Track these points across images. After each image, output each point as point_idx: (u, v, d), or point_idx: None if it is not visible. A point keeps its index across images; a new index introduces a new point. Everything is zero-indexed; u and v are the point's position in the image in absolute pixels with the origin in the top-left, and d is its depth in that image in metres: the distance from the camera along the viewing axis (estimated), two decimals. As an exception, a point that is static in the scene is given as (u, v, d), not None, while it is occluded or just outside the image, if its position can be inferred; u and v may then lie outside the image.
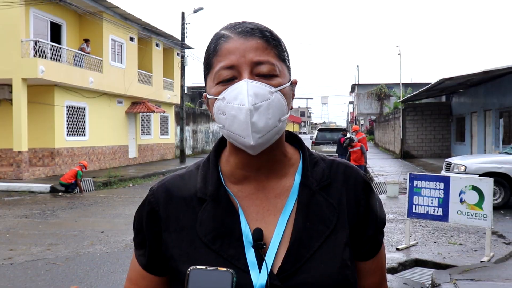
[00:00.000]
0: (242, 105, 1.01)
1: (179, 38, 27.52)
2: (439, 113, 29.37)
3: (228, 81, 1.06)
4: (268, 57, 1.06)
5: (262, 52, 1.06)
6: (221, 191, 1.13)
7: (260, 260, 1.04)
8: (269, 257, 1.05)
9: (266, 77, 1.05)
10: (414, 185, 7.49)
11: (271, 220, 1.10)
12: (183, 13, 26.87)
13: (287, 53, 1.15)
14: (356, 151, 15.83)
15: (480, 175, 10.70)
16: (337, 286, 1.05)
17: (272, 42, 1.08)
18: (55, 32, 20.32)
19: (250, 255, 1.05)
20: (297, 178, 1.15)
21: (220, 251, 1.06)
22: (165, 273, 1.16)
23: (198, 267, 0.97)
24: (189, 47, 29.03)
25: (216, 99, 1.07)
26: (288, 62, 1.14)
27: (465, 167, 11.95)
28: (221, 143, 1.20)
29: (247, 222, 1.09)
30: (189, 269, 0.97)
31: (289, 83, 1.11)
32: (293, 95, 1.17)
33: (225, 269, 0.95)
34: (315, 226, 1.09)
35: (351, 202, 1.14)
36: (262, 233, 1.06)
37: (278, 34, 1.13)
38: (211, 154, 1.20)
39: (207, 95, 1.11)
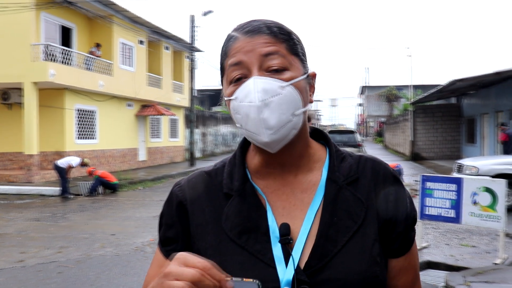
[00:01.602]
0: (251, 103, 1.01)
1: (189, 41, 27.57)
2: (449, 115, 29.20)
3: (239, 80, 1.06)
4: (277, 49, 1.05)
5: (270, 45, 1.05)
6: (247, 186, 1.12)
7: (287, 255, 1.03)
8: (296, 252, 1.04)
9: (277, 72, 1.04)
10: (426, 187, 7.42)
11: (297, 215, 1.09)
12: (192, 16, 26.94)
13: (301, 46, 1.13)
14: None
15: (492, 177, 10.61)
16: (366, 282, 1.03)
17: (280, 37, 1.07)
18: (66, 36, 20.46)
19: (277, 250, 1.04)
20: (324, 173, 1.14)
21: (246, 246, 1.05)
22: None
23: None
24: (198, 50, 29.09)
25: (231, 99, 1.07)
26: (303, 55, 1.12)
27: (477, 168, 11.86)
28: (247, 140, 1.20)
29: (274, 217, 1.08)
30: None
31: (305, 76, 1.09)
32: (313, 88, 1.15)
33: (251, 280, 0.93)
34: (342, 221, 1.07)
35: (380, 197, 1.12)
36: (289, 228, 1.05)
37: (289, 28, 1.12)
38: (237, 151, 1.20)
39: (224, 97, 1.11)
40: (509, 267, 6.25)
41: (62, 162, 15.05)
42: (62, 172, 14.85)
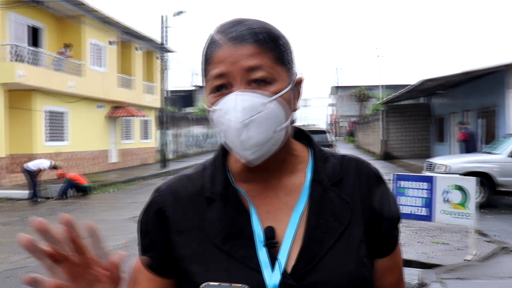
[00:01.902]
0: (230, 122, 0.98)
1: (160, 41, 27.38)
2: (419, 114, 29.70)
3: (221, 89, 1.02)
4: (262, 62, 1.00)
5: (255, 57, 1.00)
6: (230, 190, 1.10)
7: (273, 259, 1.01)
8: (282, 256, 1.02)
9: (261, 84, 1.00)
10: (399, 186, 7.51)
11: (282, 218, 1.07)
12: (163, 17, 26.75)
13: (289, 52, 1.08)
14: None
15: (462, 175, 10.81)
16: (354, 284, 1.02)
17: (266, 45, 1.02)
18: (34, 36, 20.08)
19: (262, 254, 1.02)
20: (308, 175, 1.12)
21: (231, 252, 1.03)
22: (174, 275, 1.11)
23: (211, 283, 0.95)
24: (170, 51, 28.92)
25: (210, 110, 1.04)
26: (290, 62, 1.07)
27: (447, 167, 12.07)
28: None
29: (259, 221, 1.06)
30: (202, 286, 0.95)
31: (290, 86, 1.05)
32: (299, 95, 1.12)
33: (239, 285, 0.92)
34: (328, 223, 1.05)
35: (364, 197, 1.10)
36: (274, 231, 1.03)
37: (278, 31, 1.07)
38: (218, 153, 1.16)
39: (205, 104, 1.08)
40: (480, 263, 6.37)
41: (31, 165, 14.75)
42: (32, 175, 14.55)
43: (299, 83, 1.11)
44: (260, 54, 1.00)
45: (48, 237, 0.82)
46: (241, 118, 0.97)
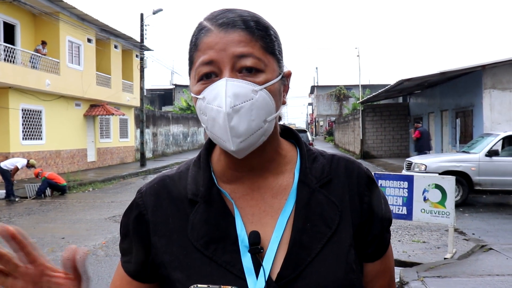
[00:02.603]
0: (220, 108, 0.93)
1: (138, 39, 27.14)
2: (398, 114, 29.99)
3: (208, 78, 0.97)
4: (252, 50, 0.96)
5: (245, 45, 0.96)
6: (214, 191, 1.05)
7: (257, 265, 0.97)
8: (267, 262, 0.97)
9: (251, 72, 0.96)
10: (379, 185, 7.54)
11: (268, 222, 1.03)
12: (142, 14, 26.53)
13: (278, 44, 1.04)
14: None
15: (440, 174, 10.93)
16: None
17: (257, 33, 0.98)
18: (9, 33, 19.69)
19: (247, 260, 0.97)
20: (296, 176, 1.07)
21: (214, 257, 0.98)
22: (153, 280, 1.07)
23: (200, 286, 0.93)
24: (148, 49, 28.66)
25: (197, 98, 0.99)
26: (279, 54, 1.04)
27: (426, 166, 12.21)
28: (212, 140, 1.10)
29: (243, 225, 1.01)
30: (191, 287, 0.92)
31: (280, 77, 1.02)
32: (287, 88, 1.08)
33: (229, 287, 0.89)
34: (316, 227, 1.01)
35: (354, 199, 1.05)
36: (259, 236, 0.99)
37: (266, 21, 1.04)
38: (202, 152, 1.12)
39: (191, 93, 1.03)
40: (459, 261, 6.44)
41: (7, 164, 14.47)
42: (7, 174, 14.27)
43: (287, 76, 1.08)
44: (250, 42, 0.97)
45: (12, 244, 0.83)
46: (232, 103, 0.93)
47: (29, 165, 14.89)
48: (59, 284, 0.88)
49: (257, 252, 0.98)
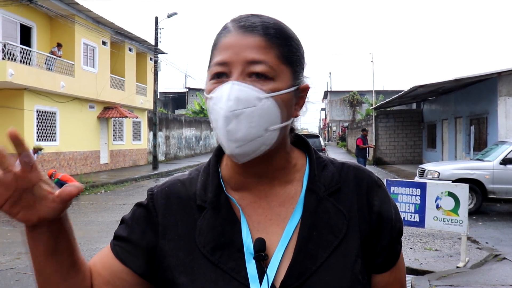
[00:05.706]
0: (221, 110, 0.94)
1: (153, 43, 27.27)
2: (411, 120, 29.80)
3: (219, 77, 0.98)
4: (265, 57, 0.96)
5: (259, 50, 0.96)
6: (222, 198, 1.05)
7: (262, 273, 0.96)
8: (271, 270, 0.97)
9: (261, 79, 0.95)
10: (391, 191, 7.50)
11: (274, 230, 1.02)
12: (156, 18, 26.65)
13: (299, 56, 1.03)
14: None
15: (453, 181, 10.83)
16: None
17: (274, 41, 0.98)
18: (25, 35, 19.92)
19: (251, 267, 0.97)
20: (305, 184, 1.06)
21: (220, 263, 0.98)
22: (140, 270, 1.06)
23: None
24: (162, 52, 28.81)
25: (207, 97, 1.00)
26: (297, 66, 1.02)
27: (439, 173, 12.10)
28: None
29: (249, 232, 1.01)
30: None
31: (292, 89, 1.00)
32: (302, 102, 1.06)
33: None
34: (322, 235, 1.00)
35: (363, 208, 1.04)
36: (265, 243, 0.99)
37: (293, 32, 1.03)
38: (212, 159, 1.12)
39: (204, 92, 1.03)
40: (472, 271, 6.36)
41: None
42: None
43: (304, 90, 1.06)
44: (265, 48, 0.97)
45: (19, 149, 0.86)
46: (232, 107, 0.93)
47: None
48: (45, 198, 0.90)
49: (261, 259, 0.97)
